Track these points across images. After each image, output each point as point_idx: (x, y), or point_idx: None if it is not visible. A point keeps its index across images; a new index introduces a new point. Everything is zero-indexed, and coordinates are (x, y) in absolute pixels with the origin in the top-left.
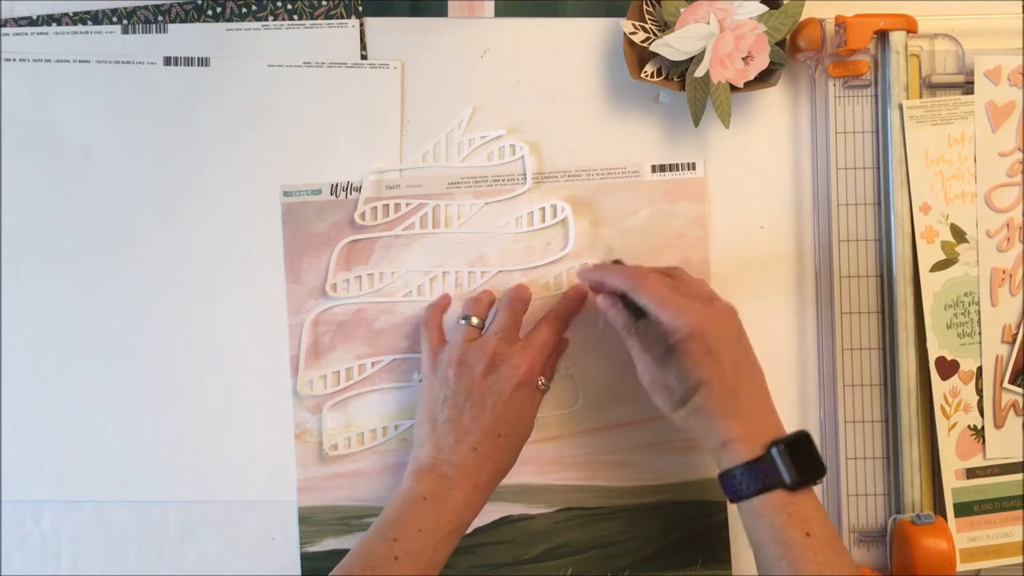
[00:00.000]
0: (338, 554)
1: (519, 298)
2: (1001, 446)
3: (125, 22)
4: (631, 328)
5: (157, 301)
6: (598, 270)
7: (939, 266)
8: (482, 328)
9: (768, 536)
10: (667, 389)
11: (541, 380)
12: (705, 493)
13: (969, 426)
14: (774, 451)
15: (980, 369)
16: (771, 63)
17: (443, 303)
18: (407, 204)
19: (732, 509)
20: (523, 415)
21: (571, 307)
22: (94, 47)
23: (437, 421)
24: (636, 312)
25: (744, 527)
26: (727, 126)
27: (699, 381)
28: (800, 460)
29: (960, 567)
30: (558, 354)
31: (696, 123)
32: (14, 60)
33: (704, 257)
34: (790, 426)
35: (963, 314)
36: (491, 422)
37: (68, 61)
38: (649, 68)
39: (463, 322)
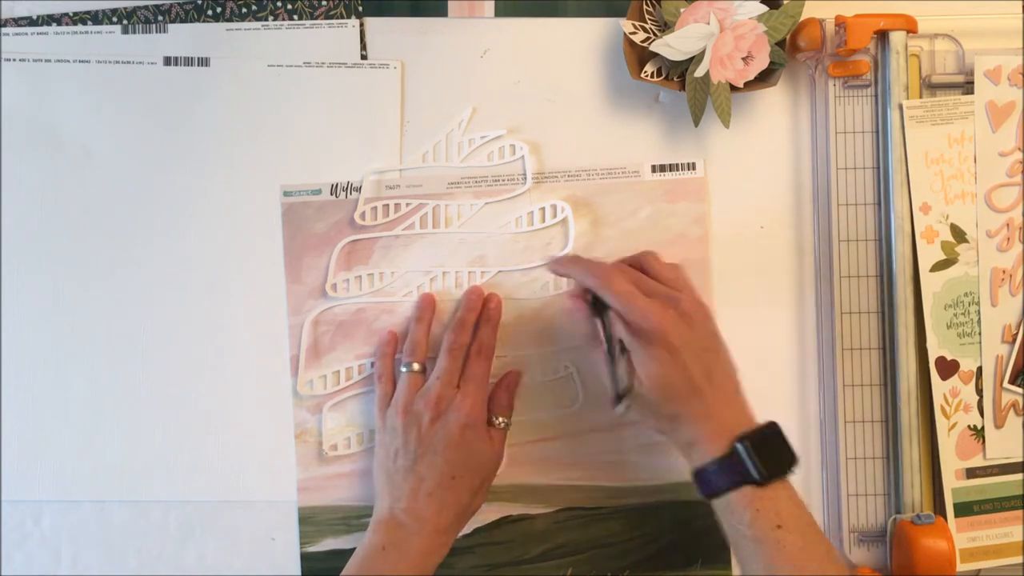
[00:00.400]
0: (338, 554)
1: (457, 342)
2: (1001, 446)
3: (125, 22)
4: (597, 338)
5: (157, 301)
6: (565, 264)
7: (939, 266)
8: (424, 371)
9: (741, 532)
10: (635, 395)
11: (500, 420)
12: None
13: (969, 426)
14: (739, 447)
15: (980, 369)
16: (771, 63)
17: (390, 349)
18: (407, 204)
19: None
20: (478, 455)
21: (488, 329)
22: (94, 47)
23: (391, 472)
24: (602, 305)
25: (719, 520)
26: (727, 126)
27: (665, 387)
28: (769, 453)
29: (960, 567)
30: (510, 388)
31: (696, 123)
32: (14, 60)
33: (704, 257)
34: (790, 426)
35: (963, 314)
36: (443, 467)
37: (68, 61)
38: (649, 68)
39: (404, 369)
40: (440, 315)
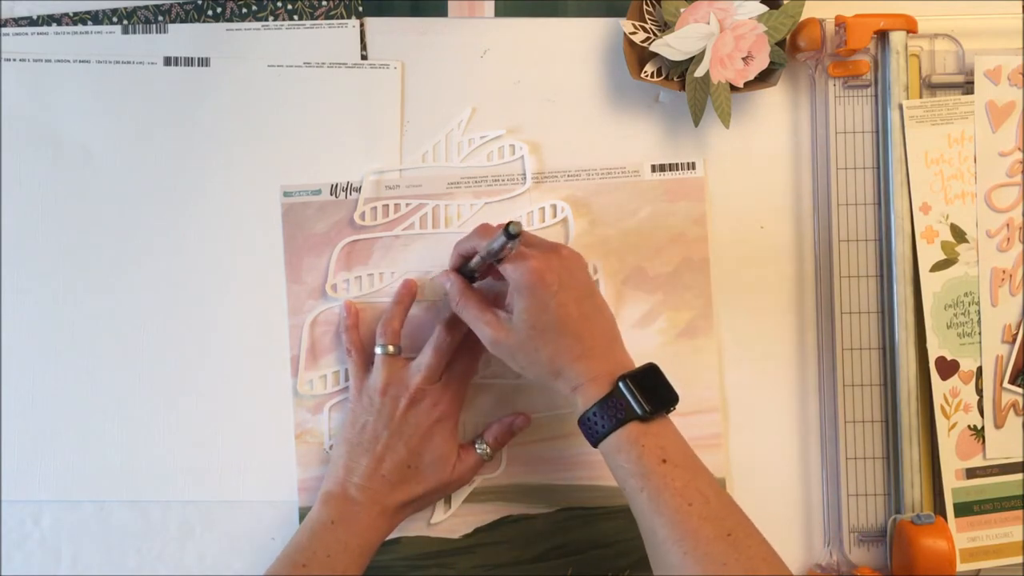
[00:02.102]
0: None
1: (446, 342)
2: (1001, 446)
3: (125, 22)
4: (465, 292)
5: (157, 301)
6: (457, 247)
7: (939, 266)
8: (399, 353)
9: (627, 471)
10: (512, 347)
11: (484, 448)
12: None
13: (969, 426)
14: (621, 385)
15: (980, 369)
16: (771, 63)
17: (352, 322)
18: (407, 204)
19: None
20: (440, 455)
21: (451, 332)
22: (94, 47)
23: (353, 445)
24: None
25: (609, 467)
26: (727, 126)
27: (544, 328)
28: (651, 390)
29: (960, 567)
30: (512, 430)
31: (696, 123)
32: (14, 60)
33: (704, 257)
34: (791, 426)
35: (963, 314)
36: (404, 454)
37: (68, 61)
38: (649, 68)
39: (379, 351)
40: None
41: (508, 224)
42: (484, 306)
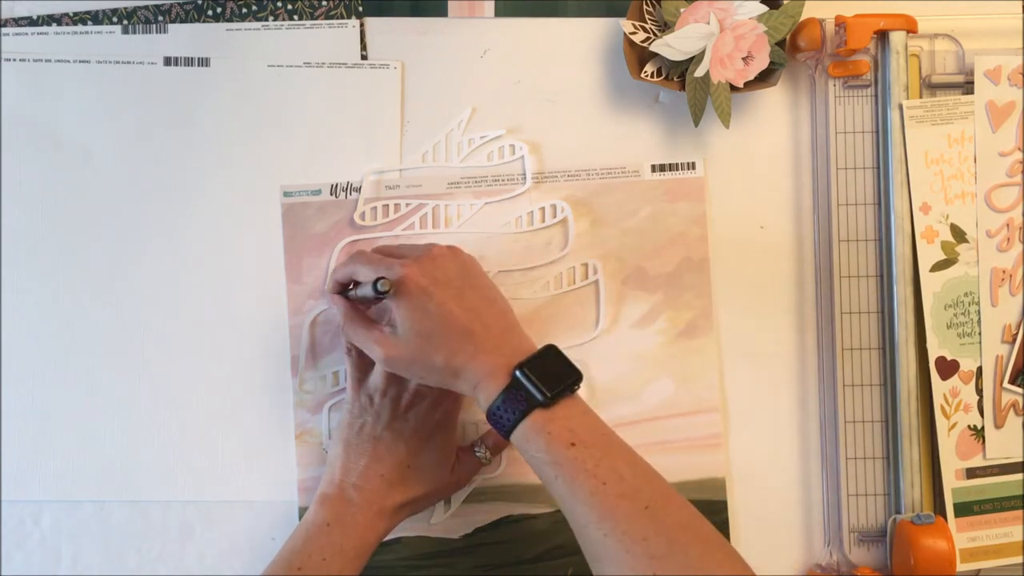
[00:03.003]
0: None
1: None
2: (1001, 446)
3: (125, 22)
4: (349, 314)
5: (157, 301)
6: (334, 273)
7: (939, 266)
8: None
9: (539, 459)
10: (405, 360)
11: (484, 452)
12: (705, 493)
13: (969, 426)
14: (519, 374)
15: (980, 369)
16: (771, 63)
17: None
18: (407, 204)
19: (733, 509)
20: (439, 457)
21: None
22: (94, 47)
23: (351, 445)
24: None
25: (525, 460)
26: (727, 126)
27: (431, 332)
28: (550, 374)
29: (960, 567)
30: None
31: (696, 123)
32: (14, 60)
33: (704, 257)
34: (791, 426)
35: (963, 314)
36: (403, 453)
37: (68, 61)
38: (649, 68)
39: None
40: None
41: (377, 281)
42: (370, 325)
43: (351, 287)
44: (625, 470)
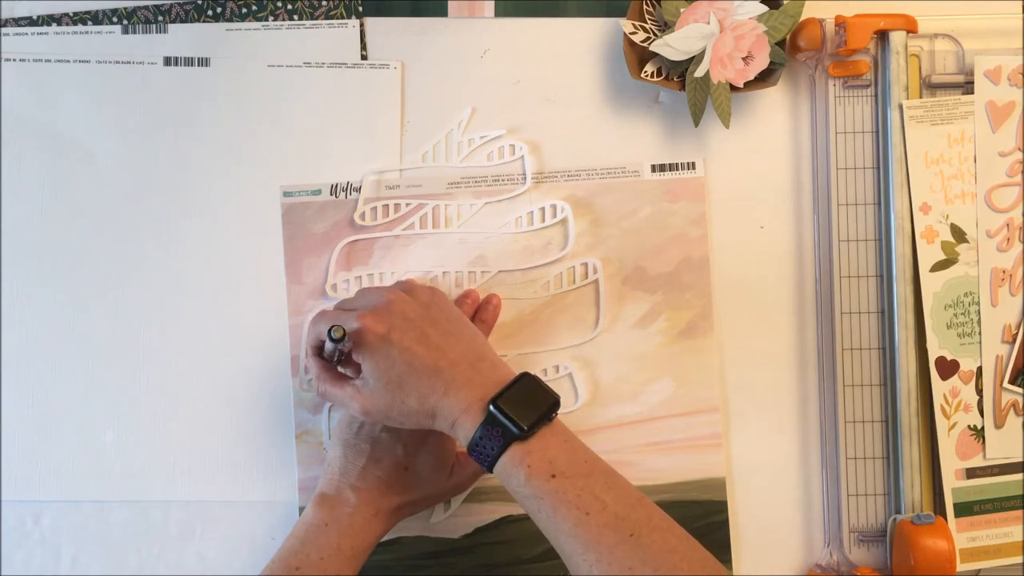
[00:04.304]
0: None
1: None
2: (1001, 446)
3: (125, 22)
4: (321, 375)
5: (157, 301)
6: (308, 336)
7: (939, 266)
8: None
9: (522, 494)
10: (381, 409)
11: None
12: (705, 493)
13: (969, 426)
14: (493, 409)
15: (980, 369)
16: (771, 63)
17: None
18: (407, 204)
19: (733, 509)
20: (437, 457)
21: (483, 330)
22: (94, 47)
23: (349, 445)
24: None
25: (509, 490)
26: (727, 126)
27: (399, 379)
28: (525, 405)
29: (960, 567)
30: None
31: (696, 123)
32: (14, 60)
33: (704, 257)
34: (791, 426)
35: (963, 314)
36: (401, 455)
37: (68, 61)
38: (649, 68)
39: None
40: None
41: (330, 329)
42: (342, 382)
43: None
44: (608, 498)
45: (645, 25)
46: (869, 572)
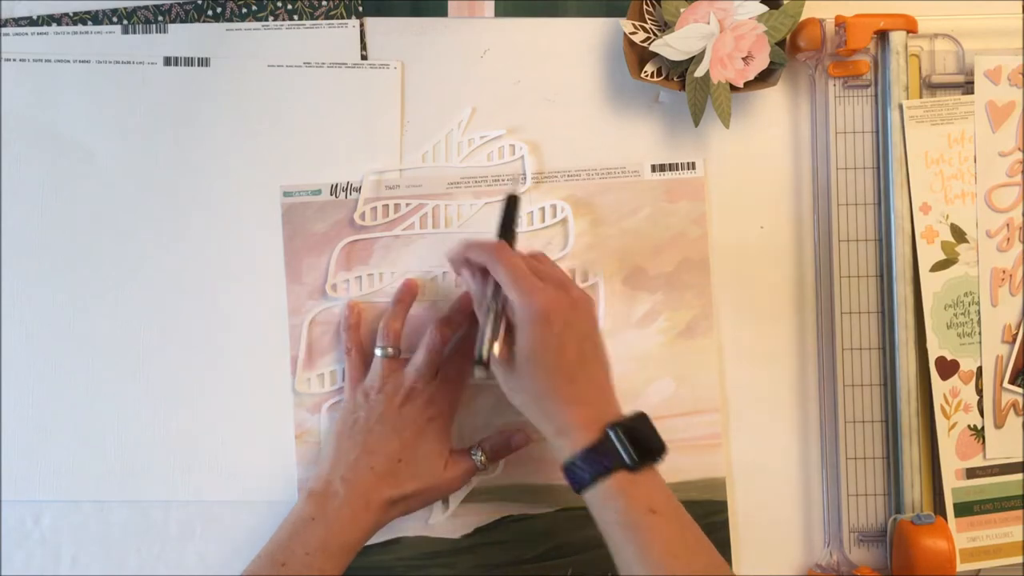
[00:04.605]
0: None
1: (438, 341)
2: (1001, 446)
3: (125, 22)
4: (482, 302)
5: (157, 301)
6: (465, 242)
7: (939, 266)
8: (399, 355)
9: (614, 520)
10: (505, 368)
11: (480, 457)
12: (705, 493)
13: (969, 426)
14: (611, 432)
15: (980, 369)
16: (771, 63)
17: (354, 321)
18: (407, 204)
19: (733, 509)
20: (432, 452)
21: (443, 332)
22: (94, 47)
23: (343, 438)
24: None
25: (593, 518)
26: (727, 126)
27: (539, 365)
28: (639, 440)
29: (960, 567)
30: (510, 442)
31: (696, 123)
32: (14, 60)
33: (704, 257)
34: (790, 426)
35: (963, 314)
36: (395, 447)
37: (68, 61)
38: (649, 68)
39: (379, 353)
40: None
41: (512, 198)
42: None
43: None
44: (695, 547)
45: (645, 25)
46: (869, 572)
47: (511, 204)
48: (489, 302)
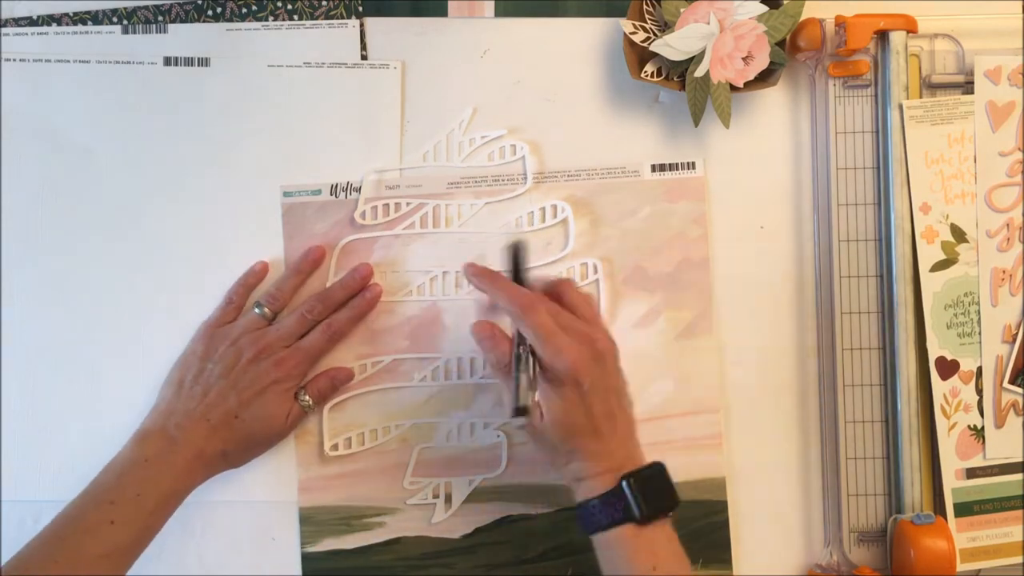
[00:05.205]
0: (338, 554)
1: (312, 312)
2: (1001, 446)
3: (125, 22)
4: (501, 367)
5: (157, 300)
6: (484, 279)
7: (939, 266)
8: (271, 322)
9: (617, 568)
10: (533, 426)
11: (307, 399)
12: (705, 493)
13: (969, 426)
14: (624, 484)
15: (980, 369)
16: (771, 63)
17: (253, 281)
18: (407, 204)
19: (733, 509)
20: (270, 413)
21: (350, 314)
22: (94, 47)
23: (184, 387)
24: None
25: (598, 557)
26: (727, 126)
27: (567, 423)
28: (653, 492)
29: (960, 567)
30: (335, 381)
31: (696, 123)
32: (14, 60)
33: (704, 257)
34: (791, 426)
35: (963, 314)
36: (234, 403)
37: (68, 61)
38: (649, 68)
39: (256, 310)
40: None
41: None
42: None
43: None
44: None
45: (645, 25)
46: (869, 572)
47: (516, 253)
48: (518, 350)
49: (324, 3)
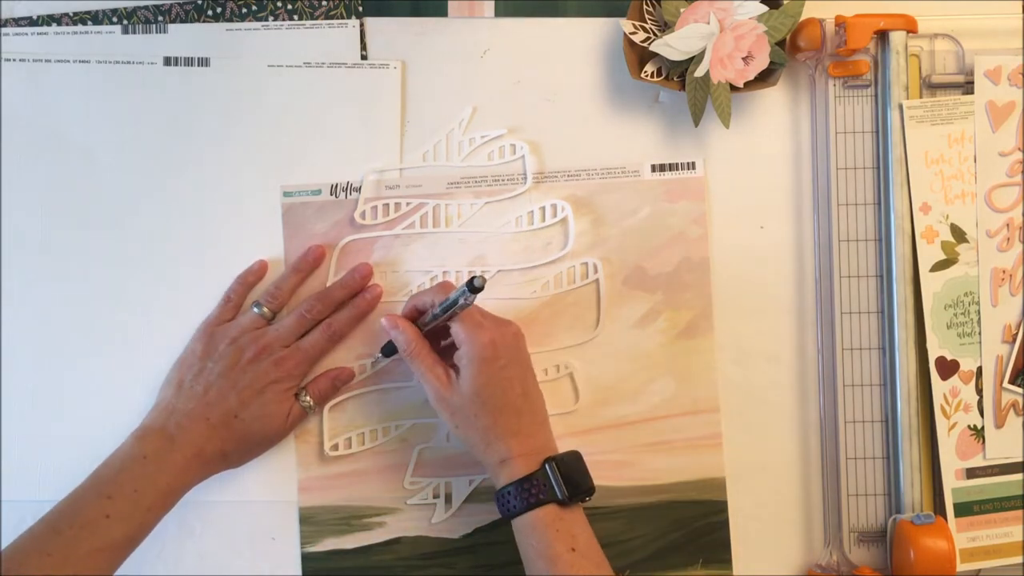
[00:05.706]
0: (338, 554)
1: (312, 312)
2: (1001, 446)
3: (125, 22)
4: (418, 342)
5: (157, 300)
6: (413, 298)
7: (939, 266)
8: (270, 321)
9: (537, 551)
10: (453, 407)
11: (307, 400)
12: (705, 493)
13: (969, 426)
14: (547, 467)
15: (980, 369)
16: (771, 63)
17: (252, 279)
18: (407, 204)
19: (733, 509)
20: (269, 413)
21: (350, 315)
22: (94, 47)
23: (184, 386)
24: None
25: (517, 543)
26: (727, 126)
27: (488, 400)
28: (572, 477)
29: (960, 567)
30: (336, 381)
31: (696, 123)
32: (14, 60)
33: (704, 257)
34: (791, 426)
35: (963, 314)
36: (233, 403)
37: (68, 61)
38: (649, 68)
39: (255, 309)
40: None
41: (473, 278)
42: (436, 360)
43: (424, 317)
44: None
45: (645, 25)
46: (869, 572)
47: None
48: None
49: (324, 3)
